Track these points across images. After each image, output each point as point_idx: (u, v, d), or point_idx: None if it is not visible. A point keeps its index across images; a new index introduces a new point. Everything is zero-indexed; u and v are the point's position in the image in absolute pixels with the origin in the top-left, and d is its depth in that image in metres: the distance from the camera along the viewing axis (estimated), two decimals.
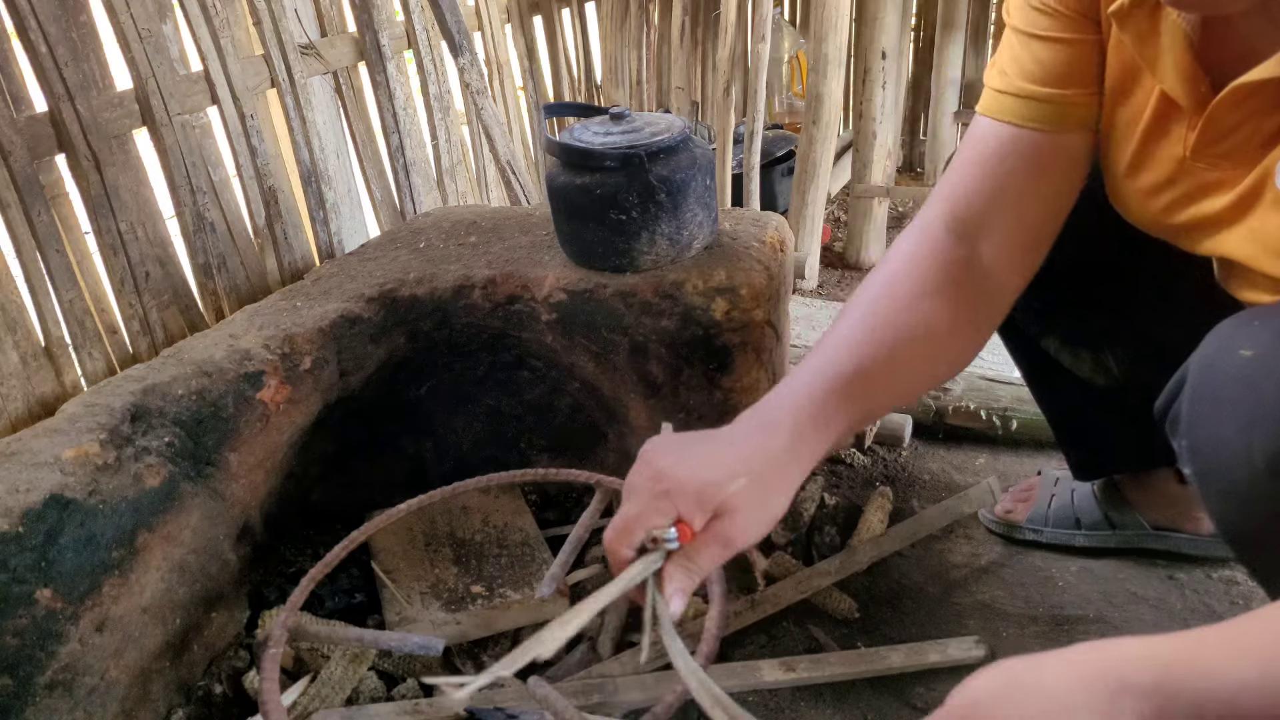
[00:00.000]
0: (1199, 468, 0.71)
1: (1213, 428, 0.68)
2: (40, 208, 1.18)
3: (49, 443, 0.99)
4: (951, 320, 0.86)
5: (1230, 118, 0.70)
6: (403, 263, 1.38)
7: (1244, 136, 0.70)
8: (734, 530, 0.75)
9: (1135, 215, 0.85)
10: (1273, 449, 0.62)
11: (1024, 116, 0.84)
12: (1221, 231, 0.76)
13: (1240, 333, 0.69)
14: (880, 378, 0.83)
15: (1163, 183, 0.78)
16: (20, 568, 0.90)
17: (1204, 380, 0.70)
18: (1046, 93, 0.82)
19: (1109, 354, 1.06)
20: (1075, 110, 0.83)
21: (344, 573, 1.26)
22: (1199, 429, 0.70)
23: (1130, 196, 0.83)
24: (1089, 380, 1.11)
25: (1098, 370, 1.09)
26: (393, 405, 1.41)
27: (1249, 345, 0.67)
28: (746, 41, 2.68)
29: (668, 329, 1.22)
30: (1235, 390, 0.66)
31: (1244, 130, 0.70)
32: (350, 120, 1.72)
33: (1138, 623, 1.16)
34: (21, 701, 0.90)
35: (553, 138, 1.22)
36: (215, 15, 1.39)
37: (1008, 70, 0.85)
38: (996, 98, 0.86)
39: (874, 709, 1.07)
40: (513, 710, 1.03)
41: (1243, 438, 0.64)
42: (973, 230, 0.87)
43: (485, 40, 2.12)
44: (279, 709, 0.86)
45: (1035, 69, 0.83)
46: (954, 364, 0.92)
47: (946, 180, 0.90)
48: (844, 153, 2.98)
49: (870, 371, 0.82)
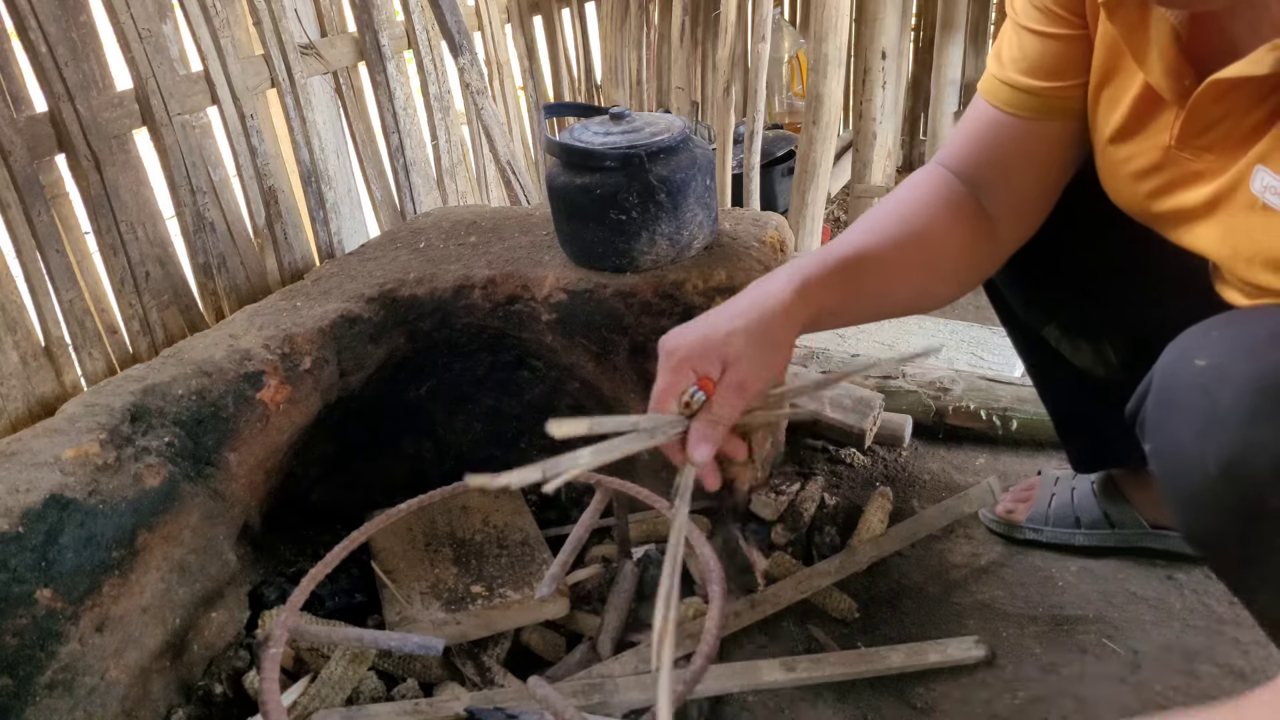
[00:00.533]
0: (1160, 471, 0.74)
1: (1171, 434, 0.72)
2: (40, 208, 1.18)
3: (49, 443, 1.00)
4: (949, 233, 0.92)
5: (1212, 111, 0.72)
6: (403, 263, 1.38)
7: (1225, 130, 0.72)
8: (742, 374, 0.81)
9: (1124, 198, 0.87)
10: (1224, 456, 0.65)
11: (1013, 105, 0.89)
12: (1198, 226, 0.78)
13: (1198, 342, 0.72)
14: (874, 264, 0.89)
15: (1150, 168, 0.80)
16: (20, 568, 0.90)
17: (1164, 386, 0.73)
18: (1035, 85, 0.88)
19: (1108, 345, 1.08)
20: (1062, 101, 0.87)
21: (344, 573, 1.26)
22: (1159, 434, 0.73)
23: (1119, 177, 0.86)
24: (1089, 371, 1.12)
25: (1098, 361, 1.10)
26: (393, 405, 1.41)
27: (1205, 355, 0.70)
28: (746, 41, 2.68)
29: (668, 329, 1.22)
30: (1191, 398, 0.69)
31: (1225, 124, 0.72)
32: (350, 120, 1.72)
33: (1137, 622, 1.16)
34: (21, 701, 0.90)
35: (553, 138, 1.22)
36: (215, 15, 1.39)
37: (1003, 58, 0.91)
38: (992, 82, 0.92)
39: (874, 709, 1.07)
40: (513, 710, 1.03)
41: (1197, 445, 0.67)
42: (970, 186, 0.94)
43: (485, 40, 2.12)
44: (279, 709, 0.86)
45: (1026, 62, 0.88)
46: (948, 283, 0.96)
47: (949, 143, 0.98)
48: (844, 153, 2.98)
49: (867, 255, 0.89)
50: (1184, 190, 0.78)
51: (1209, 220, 0.76)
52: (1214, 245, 0.77)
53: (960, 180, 0.95)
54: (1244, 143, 0.71)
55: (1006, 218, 0.94)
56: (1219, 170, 0.74)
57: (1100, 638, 1.14)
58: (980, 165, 0.94)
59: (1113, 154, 0.85)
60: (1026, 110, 0.89)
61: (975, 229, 0.94)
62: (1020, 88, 0.88)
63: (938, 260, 0.93)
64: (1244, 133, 0.70)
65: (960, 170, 0.95)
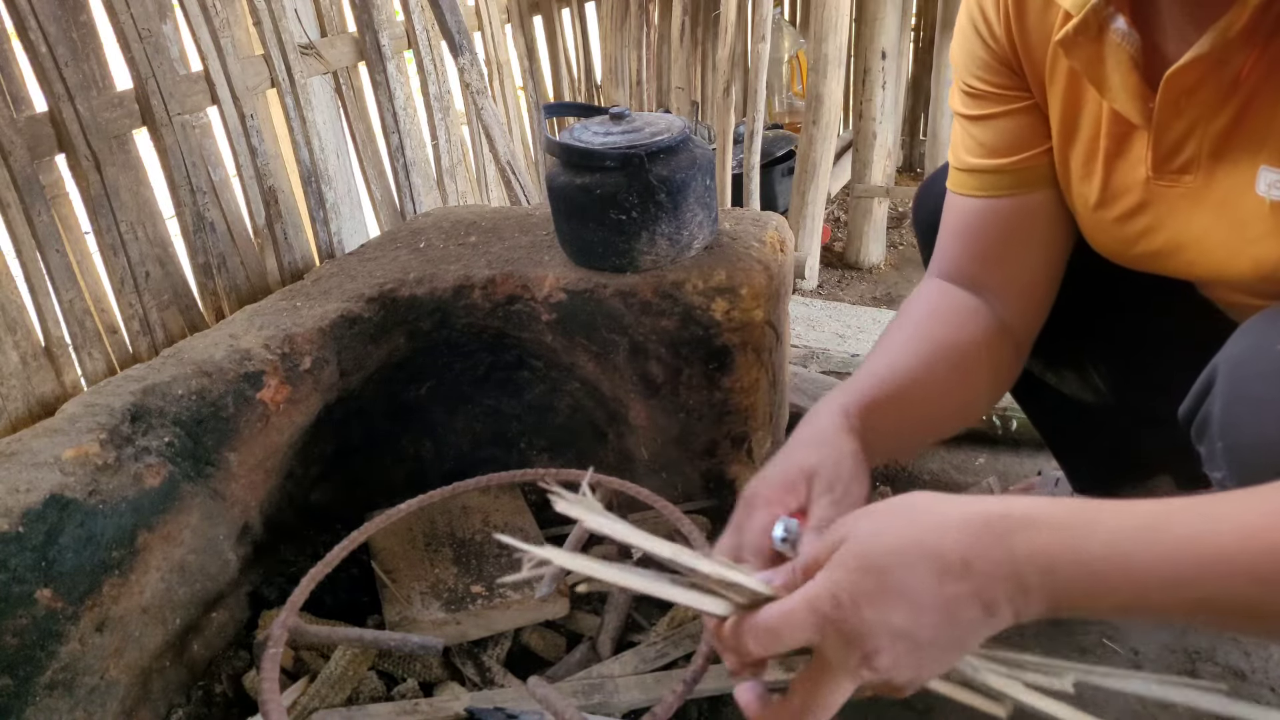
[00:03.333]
0: (1241, 470, 0.69)
1: (1255, 428, 0.66)
2: (40, 208, 1.18)
3: (49, 443, 0.99)
4: (973, 343, 0.86)
5: (1177, 126, 0.71)
6: (403, 263, 1.38)
7: (1196, 144, 0.71)
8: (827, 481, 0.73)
9: (1113, 249, 0.85)
10: None
11: (987, 188, 0.87)
12: (1201, 253, 0.75)
13: (1274, 330, 0.68)
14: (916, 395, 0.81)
15: (1134, 208, 0.78)
16: (20, 568, 0.90)
17: (1238, 380, 0.68)
18: (1003, 163, 0.85)
19: (1093, 370, 1.06)
20: (1035, 171, 0.85)
21: (344, 573, 1.26)
22: (1239, 431, 0.68)
23: (1105, 230, 0.83)
24: (1077, 397, 1.10)
25: (1085, 388, 1.08)
26: (393, 405, 1.41)
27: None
28: (746, 41, 2.68)
29: (668, 329, 1.22)
30: (1277, 389, 0.65)
31: (1194, 138, 0.70)
32: (350, 120, 1.72)
33: (1137, 622, 1.16)
34: (21, 701, 0.90)
35: (553, 138, 1.22)
36: (215, 15, 1.39)
37: (961, 154, 0.89)
38: (959, 177, 0.89)
39: (874, 709, 1.07)
40: (513, 710, 1.03)
41: None
42: (972, 288, 0.90)
43: (485, 40, 2.12)
44: (279, 709, 0.86)
45: (986, 147, 0.86)
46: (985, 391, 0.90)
47: (937, 253, 0.93)
48: (844, 153, 2.98)
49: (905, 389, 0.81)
50: (1174, 220, 0.75)
51: (1214, 243, 0.73)
52: (1225, 266, 0.74)
53: (960, 286, 0.90)
54: (1218, 155, 0.69)
55: (1016, 306, 0.89)
56: (1203, 190, 0.72)
57: (1100, 638, 1.14)
58: (974, 259, 0.89)
59: (1090, 205, 0.82)
60: (1002, 189, 0.86)
61: (991, 330, 0.88)
62: (989, 170, 0.86)
63: (972, 373, 0.86)
64: (1214, 144, 0.69)
65: (957, 275, 0.90)
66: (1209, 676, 1.08)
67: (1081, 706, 0.58)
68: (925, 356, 0.83)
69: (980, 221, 0.88)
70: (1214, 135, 0.69)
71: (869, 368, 0.83)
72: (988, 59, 0.85)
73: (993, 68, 0.85)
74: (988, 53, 0.84)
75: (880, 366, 0.82)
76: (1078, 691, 0.59)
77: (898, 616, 0.55)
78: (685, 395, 1.27)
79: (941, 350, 0.84)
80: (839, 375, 1.82)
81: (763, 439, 1.35)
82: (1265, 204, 0.67)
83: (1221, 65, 0.65)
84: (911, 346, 0.85)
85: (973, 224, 0.89)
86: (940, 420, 0.89)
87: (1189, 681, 0.60)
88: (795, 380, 1.61)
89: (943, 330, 0.86)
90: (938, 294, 0.90)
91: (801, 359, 1.91)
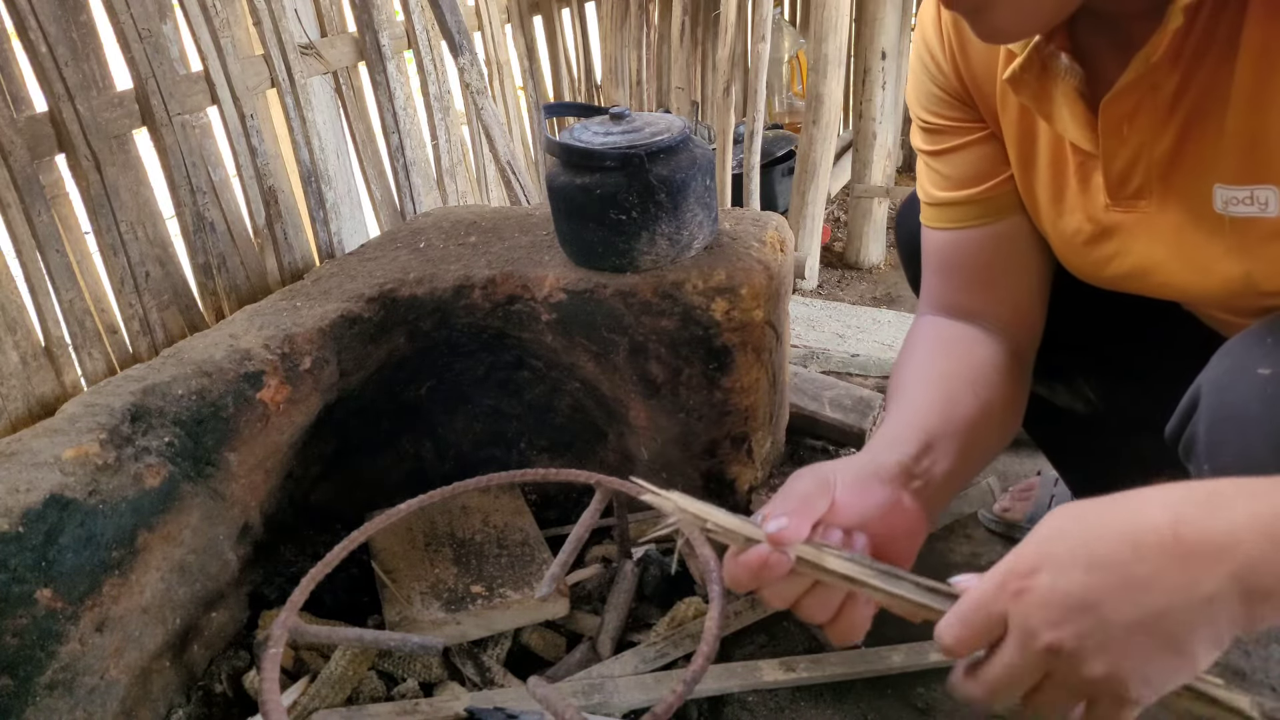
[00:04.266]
0: None
1: (1241, 449, 0.67)
2: (40, 208, 1.18)
3: (49, 443, 0.99)
4: (984, 368, 0.85)
5: (1123, 153, 0.71)
6: (403, 263, 1.38)
7: (1145, 168, 0.71)
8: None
9: (1085, 271, 0.85)
10: None
11: (960, 219, 0.88)
12: (1167, 276, 0.75)
13: (1256, 351, 0.68)
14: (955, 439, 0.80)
15: (1100, 234, 0.79)
16: (20, 568, 0.90)
17: (1222, 402, 0.69)
18: (971, 193, 0.86)
19: (1084, 383, 1.05)
20: (1005, 197, 0.86)
21: (344, 573, 1.26)
22: (1224, 452, 0.68)
23: (1076, 255, 0.83)
24: (1070, 409, 1.10)
25: (1076, 399, 1.08)
26: (393, 405, 1.41)
27: (1266, 364, 0.66)
28: (746, 41, 2.68)
29: (668, 329, 1.22)
30: (1261, 410, 0.65)
31: (1141, 164, 0.71)
32: (350, 120, 1.72)
33: None
34: (21, 701, 0.90)
35: (553, 138, 1.22)
36: (215, 15, 1.39)
37: (930, 190, 0.90)
38: (929, 210, 0.91)
39: (874, 709, 1.07)
40: (513, 710, 1.03)
41: (1277, 458, 0.63)
42: (965, 318, 0.90)
43: (485, 40, 2.12)
44: (279, 709, 0.86)
45: (951, 179, 0.87)
46: (1009, 416, 0.89)
47: (923, 292, 0.94)
48: (844, 153, 2.98)
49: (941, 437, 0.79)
50: (1138, 245, 0.76)
51: (1180, 264, 0.74)
52: (1195, 285, 0.74)
53: (954, 319, 0.91)
54: (1168, 178, 0.70)
55: (1010, 328, 0.90)
56: (1160, 214, 0.72)
57: None
58: (959, 290, 0.90)
59: (1060, 231, 0.83)
60: (973, 219, 0.87)
61: (1000, 350, 0.88)
62: (959, 202, 0.87)
63: (997, 393, 0.85)
64: (1163, 168, 0.70)
65: (948, 308, 0.91)
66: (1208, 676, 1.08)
67: None
68: (950, 393, 0.82)
69: (958, 253, 0.90)
70: (1161, 159, 0.70)
71: (901, 420, 0.80)
72: (940, 94, 0.86)
73: (946, 102, 0.86)
74: (939, 89, 0.86)
75: (911, 418, 0.80)
76: None
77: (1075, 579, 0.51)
78: (685, 395, 1.27)
79: (960, 383, 0.83)
80: (839, 375, 1.82)
81: (763, 439, 1.35)
82: (1225, 221, 0.67)
83: (1154, 89, 0.66)
84: (932, 392, 0.83)
85: (951, 257, 0.90)
86: (988, 449, 0.87)
87: None
88: (795, 380, 1.61)
89: (956, 361, 0.86)
90: (935, 329, 0.91)
91: (801, 359, 1.91)
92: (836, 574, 0.64)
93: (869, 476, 0.72)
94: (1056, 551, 0.53)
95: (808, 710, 1.08)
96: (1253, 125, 0.63)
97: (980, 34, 0.67)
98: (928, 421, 0.79)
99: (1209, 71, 0.64)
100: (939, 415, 0.80)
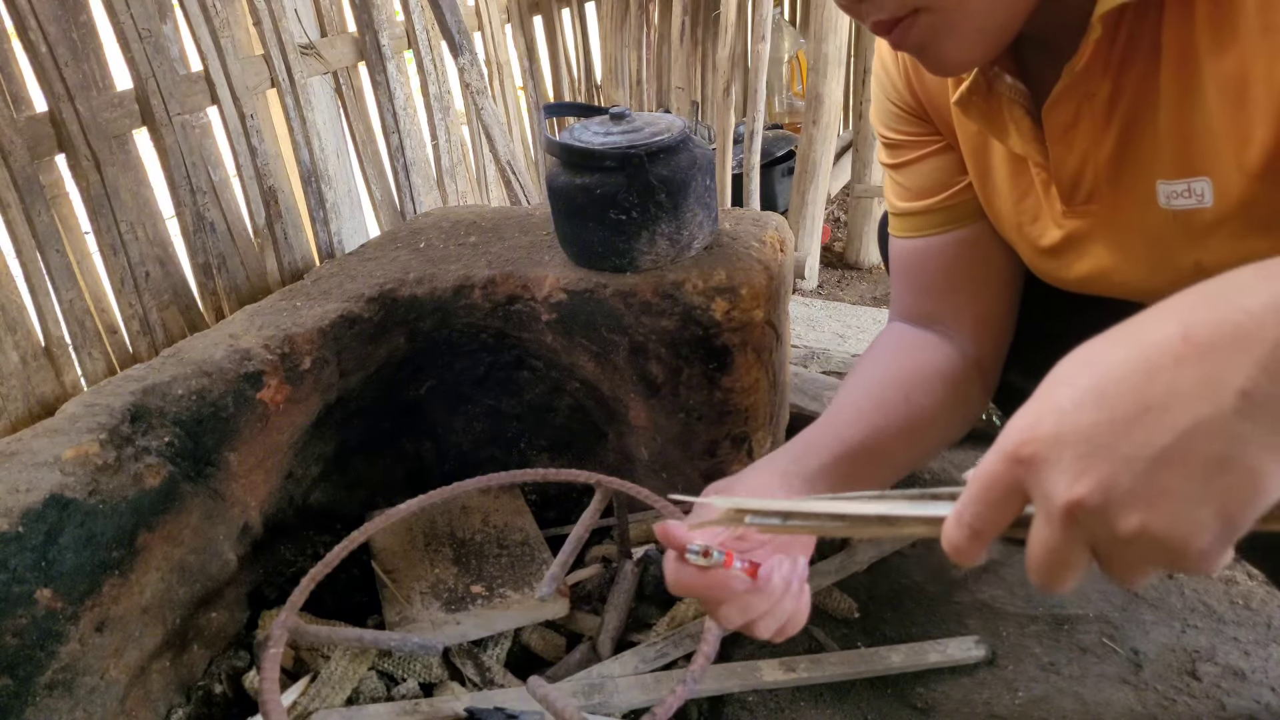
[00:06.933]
0: None
1: None
2: (40, 208, 1.18)
3: (49, 443, 0.99)
4: (936, 375, 0.88)
5: (1070, 160, 0.74)
6: (403, 263, 1.38)
7: (1093, 173, 0.73)
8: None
9: (1052, 277, 0.86)
10: None
11: (925, 227, 0.91)
12: (1125, 276, 0.77)
13: None
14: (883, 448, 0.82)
15: (1060, 241, 0.81)
16: (20, 568, 0.90)
17: None
18: (933, 202, 0.90)
19: None
20: (966, 204, 0.89)
21: (344, 573, 1.26)
22: None
23: (1040, 260, 0.85)
24: None
25: None
26: (393, 405, 1.41)
27: None
28: (746, 41, 2.68)
29: (668, 329, 1.22)
30: None
31: (1089, 169, 0.73)
32: (350, 120, 1.72)
33: (1138, 622, 1.16)
34: (21, 701, 0.90)
35: (553, 138, 1.22)
36: (215, 15, 1.39)
37: (894, 201, 0.94)
38: (895, 220, 0.95)
39: (874, 709, 1.07)
40: (513, 710, 1.03)
41: None
42: (930, 326, 0.94)
43: (485, 40, 2.12)
44: (279, 709, 0.86)
45: (914, 189, 0.91)
46: (954, 423, 0.91)
47: (893, 301, 0.98)
48: (844, 153, 2.98)
49: (873, 442, 0.82)
50: (1095, 248, 0.78)
51: (1135, 263, 0.75)
52: (1151, 283, 0.74)
53: (917, 325, 0.94)
54: (1114, 180, 0.72)
55: (972, 335, 0.91)
56: (1112, 215, 0.74)
57: (1101, 637, 1.14)
58: (922, 296, 0.93)
59: (1025, 238, 0.85)
60: (938, 226, 0.90)
61: (949, 358, 0.90)
62: (922, 211, 0.91)
63: (932, 400, 0.87)
64: (1108, 170, 0.72)
65: (911, 315, 0.94)
66: (1209, 676, 1.08)
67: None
68: (881, 401, 0.85)
69: (920, 260, 0.93)
70: (1106, 163, 0.72)
71: (824, 427, 0.83)
72: (897, 111, 0.90)
73: (903, 118, 0.90)
74: (896, 106, 0.90)
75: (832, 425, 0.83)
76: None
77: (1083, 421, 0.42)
78: (685, 395, 1.27)
79: (894, 386, 0.86)
80: (839, 375, 1.82)
81: (763, 439, 1.35)
82: (1170, 215, 0.69)
83: (1090, 97, 0.69)
84: (862, 400, 0.85)
85: (913, 264, 0.94)
86: (913, 457, 0.88)
87: (923, 491, 0.52)
88: (795, 380, 1.61)
89: (896, 366, 0.89)
90: (893, 335, 0.94)
91: (801, 359, 1.91)
92: (826, 515, 0.56)
93: (776, 489, 0.75)
94: (1060, 397, 0.45)
95: (808, 710, 1.08)
96: (1181, 122, 0.65)
97: (930, 69, 0.70)
98: (848, 432, 0.81)
99: (1138, 76, 0.66)
100: (864, 424, 0.82)
